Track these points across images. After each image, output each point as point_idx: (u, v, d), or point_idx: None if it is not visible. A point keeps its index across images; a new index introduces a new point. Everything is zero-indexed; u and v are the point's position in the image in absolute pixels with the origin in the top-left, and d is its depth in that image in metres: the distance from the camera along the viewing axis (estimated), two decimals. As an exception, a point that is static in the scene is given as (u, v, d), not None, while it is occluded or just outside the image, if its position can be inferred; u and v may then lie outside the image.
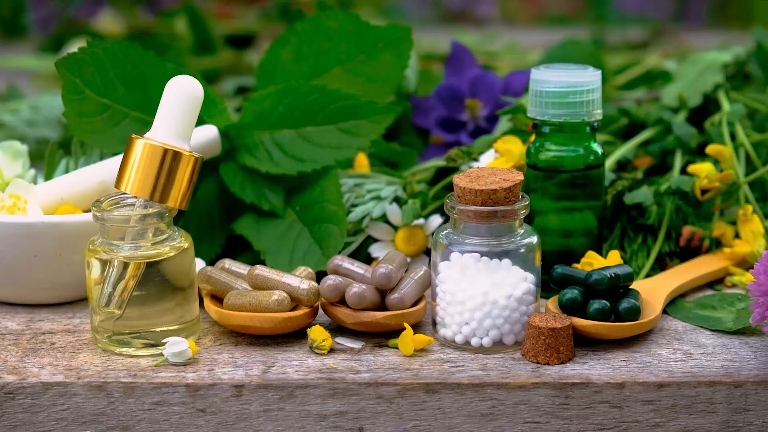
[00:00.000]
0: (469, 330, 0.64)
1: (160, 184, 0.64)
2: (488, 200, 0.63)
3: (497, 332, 0.64)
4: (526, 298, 0.64)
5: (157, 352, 0.64)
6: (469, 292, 0.64)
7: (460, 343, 0.65)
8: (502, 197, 0.63)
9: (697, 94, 0.88)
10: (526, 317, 0.64)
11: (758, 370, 0.62)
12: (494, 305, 0.64)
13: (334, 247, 0.73)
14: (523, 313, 0.64)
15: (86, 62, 0.73)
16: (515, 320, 0.64)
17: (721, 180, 0.76)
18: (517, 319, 0.64)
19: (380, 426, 0.61)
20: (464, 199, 0.63)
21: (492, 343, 0.64)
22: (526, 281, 0.64)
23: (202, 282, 0.68)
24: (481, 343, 0.64)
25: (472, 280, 0.64)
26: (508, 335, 0.64)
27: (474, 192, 0.63)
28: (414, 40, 0.81)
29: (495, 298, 0.63)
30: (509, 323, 0.64)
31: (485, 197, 0.63)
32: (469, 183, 0.63)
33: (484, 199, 0.63)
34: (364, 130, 0.77)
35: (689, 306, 0.70)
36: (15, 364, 0.63)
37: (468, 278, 0.64)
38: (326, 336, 0.65)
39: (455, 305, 0.64)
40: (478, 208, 0.63)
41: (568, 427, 0.61)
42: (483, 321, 0.64)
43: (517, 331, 0.64)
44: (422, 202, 0.77)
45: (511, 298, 0.64)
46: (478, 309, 0.64)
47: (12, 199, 0.71)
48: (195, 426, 0.61)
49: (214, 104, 0.77)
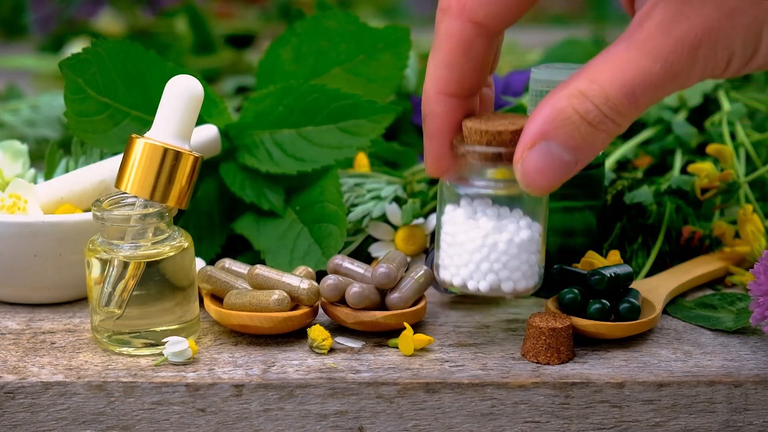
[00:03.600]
0: (467, 272, 0.62)
1: (160, 183, 0.64)
2: (493, 141, 0.61)
3: (495, 277, 0.62)
4: (528, 245, 0.62)
5: (157, 351, 0.64)
6: (470, 234, 0.62)
7: (458, 286, 0.63)
8: (508, 139, 0.60)
9: (697, 94, 0.88)
10: (527, 266, 0.62)
11: (758, 370, 0.62)
12: (493, 248, 0.62)
13: (334, 246, 0.73)
14: (523, 261, 0.62)
15: (89, 62, 0.73)
16: (515, 267, 0.62)
17: (721, 179, 0.76)
18: (516, 266, 0.62)
19: (380, 426, 0.61)
20: (470, 140, 0.61)
21: (489, 288, 0.62)
22: (529, 229, 0.62)
23: (202, 281, 0.68)
24: (478, 287, 0.62)
25: (474, 224, 0.62)
26: (506, 282, 0.62)
27: (479, 132, 0.61)
28: (414, 40, 0.82)
29: (495, 242, 0.62)
30: (508, 269, 0.62)
31: (490, 138, 0.61)
32: (476, 124, 0.61)
33: (489, 140, 0.61)
34: (364, 130, 0.77)
35: (689, 306, 0.70)
36: (15, 363, 0.63)
37: (470, 221, 0.62)
38: (326, 336, 0.65)
39: (455, 247, 0.62)
40: (483, 148, 0.61)
41: (568, 427, 0.61)
42: (481, 264, 0.62)
43: (516, 279, 0.62)
44: (422, 201, 0.77)
45: (511, 243, 0.62)
46: (476, 251, 0.62)
47: (12, 199, 0.71)
48: (195, 426, 0.61)
49: (214, 104, 0.77)
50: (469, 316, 0.70)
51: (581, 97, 0.54)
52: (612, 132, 0.55)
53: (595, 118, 0.54)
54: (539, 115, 0.55)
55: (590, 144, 0.55)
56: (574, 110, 0.54)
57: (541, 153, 0.55)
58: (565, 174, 0.56)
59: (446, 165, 0.62)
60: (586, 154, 0.55)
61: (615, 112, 0.54)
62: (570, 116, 0.54)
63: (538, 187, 0.57)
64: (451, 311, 0.71)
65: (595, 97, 0.54)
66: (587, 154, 0.55)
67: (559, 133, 0.55)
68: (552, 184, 0.56)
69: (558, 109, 0.55)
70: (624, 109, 0.54)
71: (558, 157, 0.55)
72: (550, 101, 0.55)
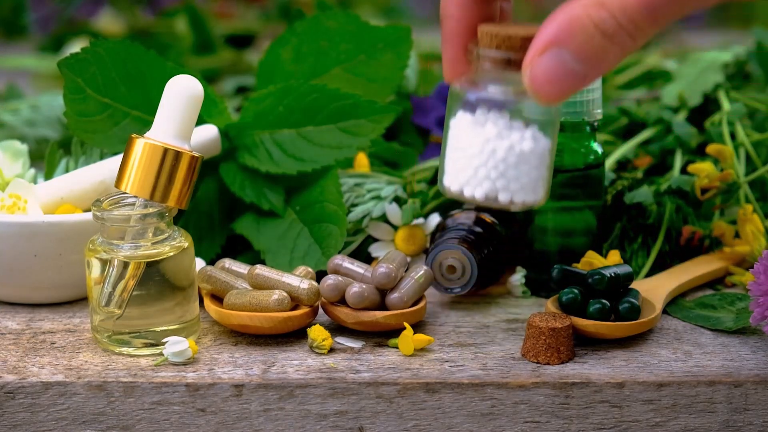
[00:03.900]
0: (465, 178, 0.60)
1: (160, 183, 0.64)
2: (503, 45, 0.59)
3: (491, 185, 0.60)
4: (530, 157, 0.60)
5: (157, 351, 0.64)
6: (473, 139, 0.60)
7: (456, 192, 0.61)
8: (518, 44, 0.59)
9: (697, 94, 0.88)
10: (527, 179, 0.60)
11: (758, 370, 0.62)
12: (492, 155, 0.60)
13: (334, 246, 0.73)
14: (523, 173, 0.60)
15: (88, 62, 0.73)
16: (513, 177, 0.60)
17: (721, 179, 0.76)
18: (514, 176, 0.60)
19: (380, 426, 0.61)
20: (482, 43, 0.60)
21: (484, 196, 0.60)
22: (533, 140, 0.60)
23: (202, 281, 0.68)
24: (474, 194, 0.60)
25: (480, 130, 0.60)
26: (503, 192, 0.60)
27: (490, 36, 0.59)
28: (414, 40, 0.81)
29: (494, 148, 0.60)
30: (505, 178, 0.60)
31: (500, 42, 0.59)
32: (490, 28, 0.60)
33: (499, 44, 0.59)
34: (364, 130, 0.77)
35: (689, 306, 0.70)
36: (15, 363, 0.63)
37: (477, 127, 0.60)
38: (326, 335, 0.65)
39: (458, 151, 0.61)
40: (493, 52, 0.59)
41: (568, 427, 0.61)
42: (478, 170, 0.60)
43: (513, 190, 0.60)
44: (422, 201, 0.77)
45: (511, 151, 0.59)
46: (475, 156, 0.60)
47: (12, 199, 0.71)
48: (195, 426, 0.61)
49: (214, 104, 0.77)
50: (469, 316, 0.70)
51: (598, 6, 0.53)
52: (626, 47, 0.53)
53: (610, 28, 0.53)
54: (553, 21, 0.54)
55: (602, 57, 0.53)
56: (590, 19, 0.53)
57: (552, 60, 0.54)
58: (573, 85, 0.55)
59: (461, 69, 0.61)
60: (596, 67, 0.54)
61: (632, 25, 0.52)
62: (585, 25, 0.53)
63: (545, 94, 0.55)
64: (451, 311, 0.71)
65: (613, 6, 0.52)
66: (598, 67, 0.54)
67: (572, 41, 0.53)
68: (560, 94, 0.55)
69: (573, 16, 0.53)
70: (641, 22, 0.52)
71: (568, 66, 0.54)
72: (566, 8, 0.53)
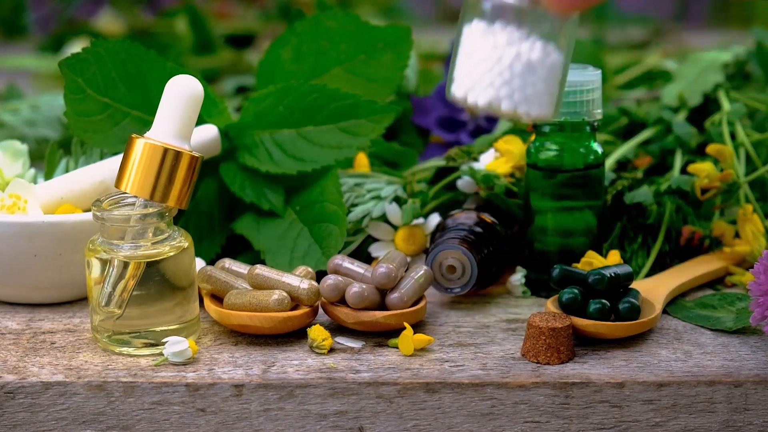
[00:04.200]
0: (470, 83, 0.59)
1: (160, 183, 0.64)
2: None
3: (494, 93, 0.59)
4: (538, 68, 0.59)
5: (157, 351, 0.64)
6: (481, 45, 0.59)
7: (460, 99, 0.60)
8: None
9: (697, 94, 0.88)
10: (532, 90, 0.59)
11: (758, 370, 0.62)
12: (498, 61, 0.58)
13: (334, 246, 0.73)
14: (529, 83, 0.58)
15: (89, 62, 0.73)
16: (517, 87, 0.59)
17: (721, 179, 0.76)
18: (519, 86, 0.58)
19: (380, 426, 0.61)
20: None
21: (487, 103, 0.59)
22: (544, 52, 0.59)
23: (202, 281, 0.68)
24: (477, 101, 0.59)
25: (490, 37, 0.59)
26: (506, 100, 0.58)
27: None
28: (414, 40, 0.81)
29: (500, 55, 0.58)
30: (509, 87, 0.58)
31: None
32: None
33: None
34: (364, 130, 0.77)
35: (689, 306, 0.70)
36: (15, 363, 0.63)
37: (488, 35, 0.59)
38: (326, 335, 0.65)
39: (466, 57, 0.60)
40: None
41: (568, 427, 0.61)
42: (483, 76, 0.59)
43: (518, 101, 0.59)
44: (422, 201, 0.77)
45: (518, 59, 0.58)
46: (482, 62, 0.59)
47: (12, 199, 0.71)
48: (195, 426, 0.61)
49: (214, 104, 0.77)
50: (469, 316, 0.70)
51: None
52: None
53: None
54: None
55: None
56: None
57: None
58: None
59: None
60: None
61: None
62: None
63: (558, 2, 0.54)
64: (451, 311, 0.71)
65: None
66: None
67: None
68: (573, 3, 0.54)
69: None
70: None
71: None
72: None
